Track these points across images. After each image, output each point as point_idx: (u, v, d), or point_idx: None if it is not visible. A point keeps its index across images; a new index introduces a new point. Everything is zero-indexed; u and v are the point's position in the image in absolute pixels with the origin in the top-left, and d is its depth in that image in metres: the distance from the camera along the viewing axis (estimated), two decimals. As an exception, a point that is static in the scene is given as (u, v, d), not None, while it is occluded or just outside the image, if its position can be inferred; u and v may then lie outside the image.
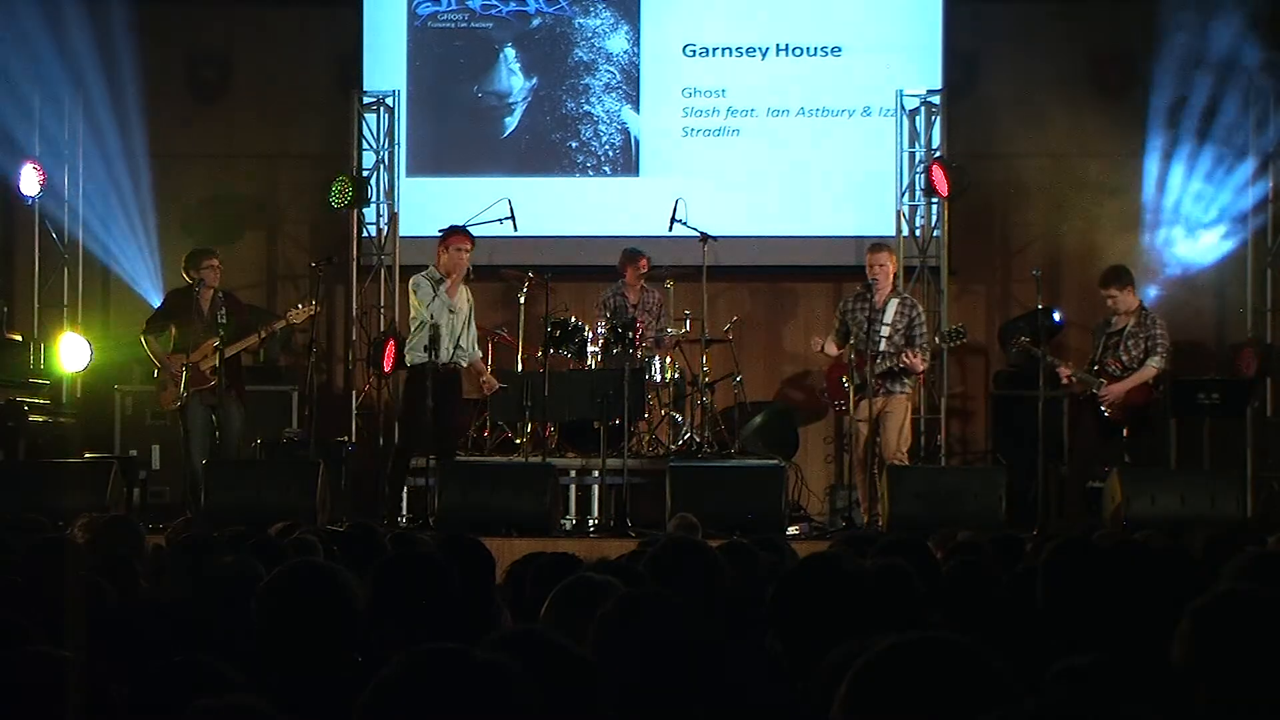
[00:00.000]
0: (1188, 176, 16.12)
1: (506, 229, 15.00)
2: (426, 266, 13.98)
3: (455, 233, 13.86)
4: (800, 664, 4.54)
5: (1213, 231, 16.13)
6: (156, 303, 14.67)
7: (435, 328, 13.44)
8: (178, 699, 3.75)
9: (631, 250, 15.23)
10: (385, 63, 16.63)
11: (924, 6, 16.33)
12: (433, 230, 14.52)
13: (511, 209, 14.98)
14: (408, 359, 13.86)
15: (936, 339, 14.26)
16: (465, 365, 13.87)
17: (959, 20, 16.24)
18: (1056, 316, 14.28)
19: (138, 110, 16.71)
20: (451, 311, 13.64)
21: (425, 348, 13.45)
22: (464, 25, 16.74)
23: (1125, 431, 13.78)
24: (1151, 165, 16.09)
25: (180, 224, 16.43)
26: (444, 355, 13.51)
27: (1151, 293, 15.05)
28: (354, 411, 15.92)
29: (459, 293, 13.74)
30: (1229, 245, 16.13)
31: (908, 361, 13.66)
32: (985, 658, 3.12)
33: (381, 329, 15.91)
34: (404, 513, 14.17)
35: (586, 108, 16.72)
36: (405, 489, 14.13)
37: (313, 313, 14.15)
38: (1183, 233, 16.14)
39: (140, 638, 5.19)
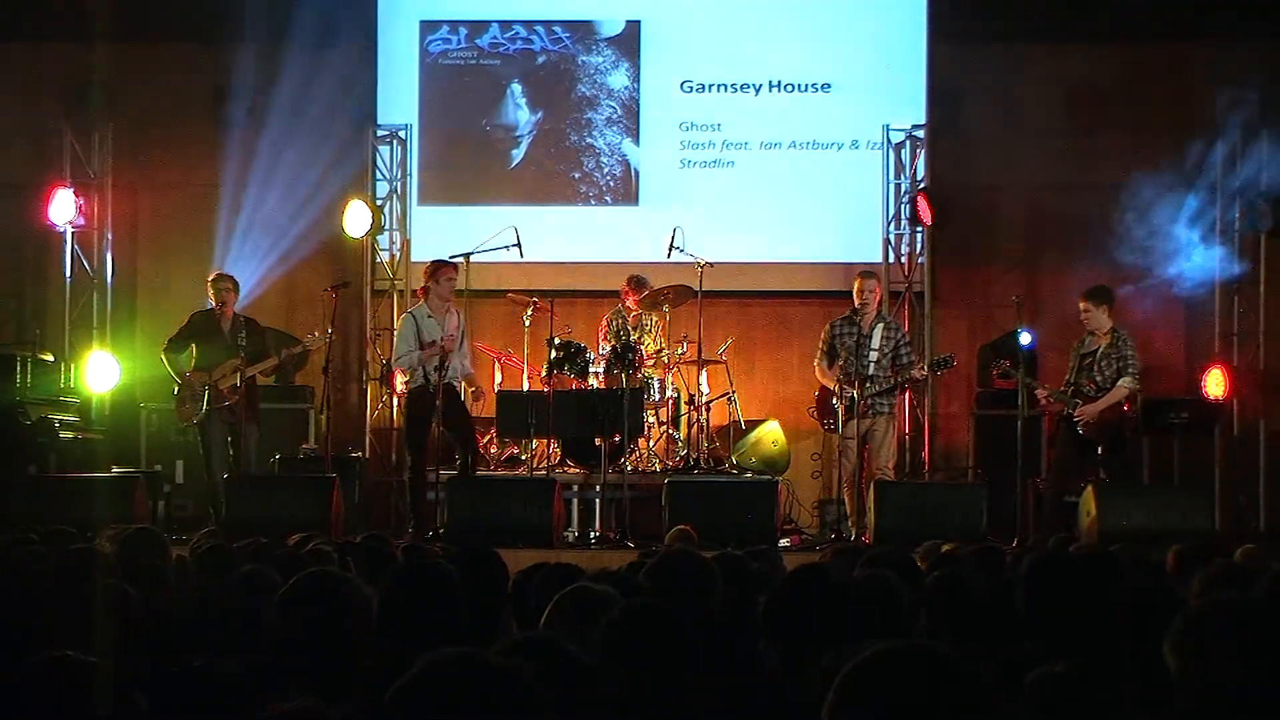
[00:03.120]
0: (1160, 209, 16.13)
1: (513, 255, 14.99)
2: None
3: (444, 265, 14.03)
4: (791, 669, 4.53)
5: (1183, 261, 16.14)
6: (179, 324, 14.67)
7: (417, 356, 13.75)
8: (197, 703, 3.75)
9: (637, 278, 15.18)
10: (398, 98, 16.64)
11: (909, 46, 16.34)
12: (443, 256, 14.54)
13: (518, 236, 14.97)
14: (399, 386, 14.01)
15: (925, 367, 14.27)
16: (459, 382, 13.99)
17: (942, 59, 16.25)
18: (1025, 340, 14.29)
19: (164, 141, 16.76)
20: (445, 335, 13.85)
21: (417, 374, 13.77)
22: (473, 62, 16.75)
23: (1100, 449, 13.76)
24: (1126, 198, 16.10)
25: (203, 250, 16.43)
26: (433, 377, 13.63)
27: (1125, 317, 15.04)
28: (367, 428, 15.92)
29: (449, 318, 13.87)
30: (1198, 274, 16.14)
31: (914, 375, 13.99)
32: (967, 666, 3.12)
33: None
34: (412, 525, 14.17)
35: (589, 140, 16.73)
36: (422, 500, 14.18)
37: (327, 339, 14.24)
38: (1154, 262, 16.15)
39: (163, 644, 5.18)
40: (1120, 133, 16.14)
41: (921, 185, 15.94)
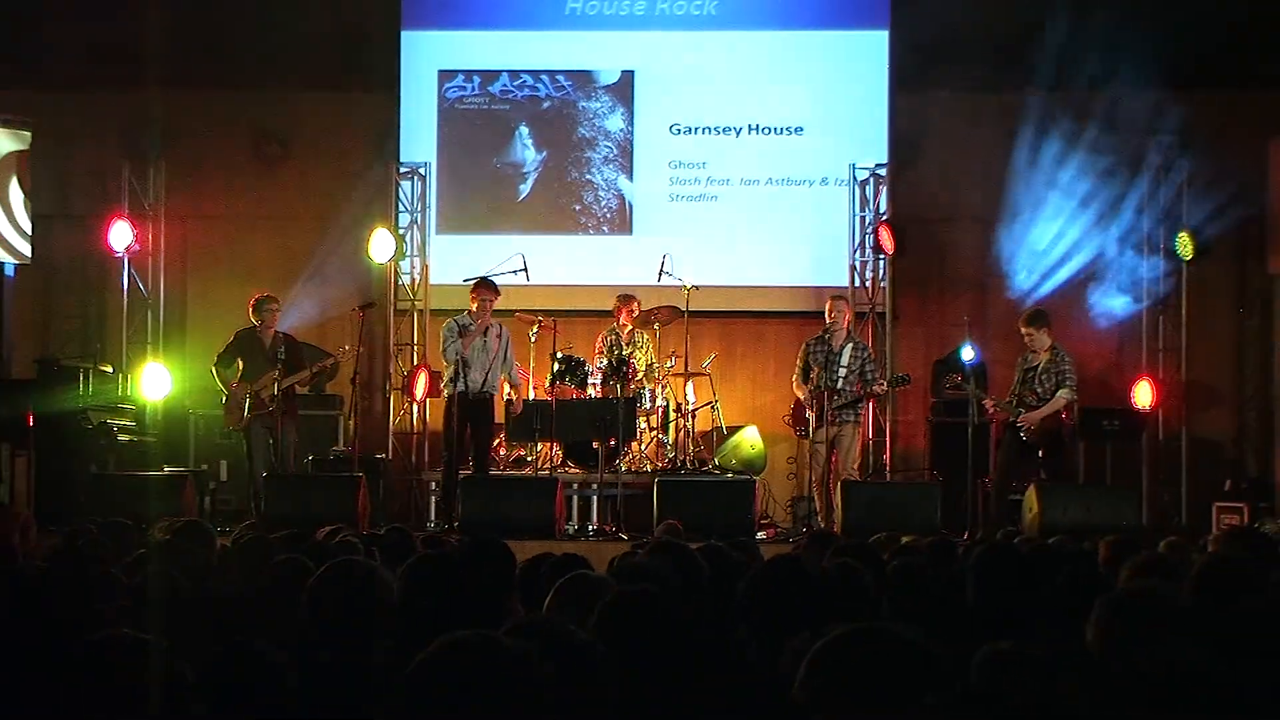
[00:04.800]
0: (1094, 240, 16.16)
1: (520, 279, 14.99)
2: (457, 310, 14.16)
3: (481, 284, 14.01)
4: (766, 649, 4.53)
5: (1115, 286, 16.17)
6: (225, 340, 14.66)
7: (463, 364, 13.56)
8: (238, 677, 3.74)
9: (624, 295, 15.21)
10: (419, 138, 16.64)
11: (872, 93, 16.35)
12: (458, 279, 14.57)
13: (525, 262, 14.97)
14: (445, 390, 13.98)
15: (886, 384, 14.28)
16: (495, 393, 13.94)
17: (902, 105, 16.28)
18: (967, 355, 14.31)
19: (210, 176, 16.77)
20: (484, 350, 13.79)
21: (453, 380, 13.67)
22: (485, 107, 16.75)
23: (1041, 452, 13.77)
24: (1069, 230, 16.15)
25: (245, 273, 16.43)
26: (474, 386, 13.62)
27: (1063, 335, 15.04)
28: (390, 433, 15.90)
29: (491, 332, 13.83)
30: (1128, 298, 16.17)
31: (875, 390, 13.93)
32: (924, 644, 3.12)
33: (414, 362, 15.94)
34: (431, 518, 14.15)
35: (588, 177, 16.72)
36: (435, 497, 14.18)
37: (355, 353, 14.26)
38: (1089, 287, 16.17)
39: (208, 623, 5.17)
40: (1061, 170, 16.13)
41: (883, 218, 15.94)
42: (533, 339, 15.03)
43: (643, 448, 14.92)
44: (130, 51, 15.41)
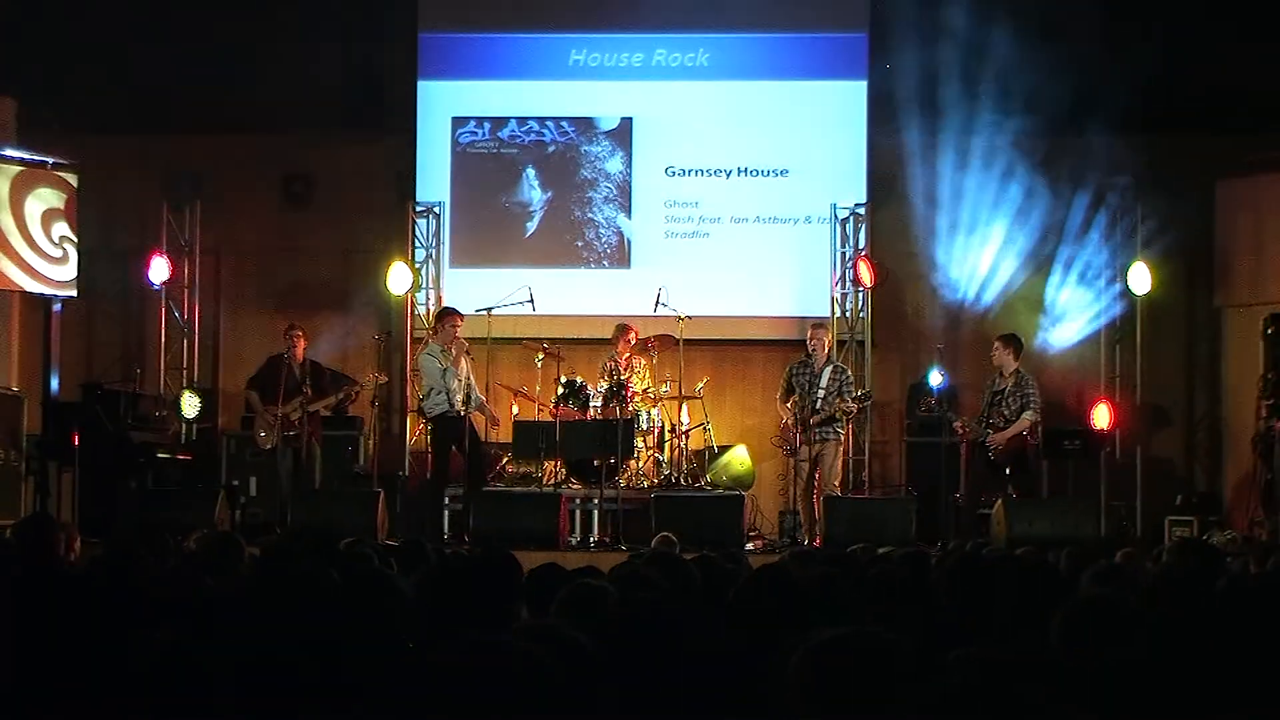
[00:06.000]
0: (1057, 272, 16.19)
1: (527, 309, 15.00)
2: (471, 337, 14.24)
3: (452, 313, 14.03)
4: (755, 652, 4.52)
5: (1076, 316, 16.19)
6: (255, 366, 14.65)
7: (446, 389, 13.69)
8: (266, 676, 3.74)
9: (621, 325, 15.23)
10: (433, 179, 16.66)
11: (852, 138, 16.39)
12: (470, 310, 14.58)
13: (531, 294, 14.98)
14: (427, 412, 13.95)
15: (852, 401, 14.28)
16: (472, 412, 13.98)
17: (880, 149, 16.32)
18: (935, 380, 14.31)
19: (242, 214, 16.79)
20: (462, 372, 13.84)
21: (445, 402, 13.73)
22: (495, 150, 16.78)
23: (1008, 470, 13.78)
24: (1033, 264, 16.18)
25: (274, 304, 16.44)
26: (458, 406, 13.64)
27: (1027, 360, 15.06)
28: (407, 451, 15.88)
29: (462, 358, 13.89)
30: (1089, 327, 16.19)
31: (842, 406, 13.79)
32: (900, 647, 3.11)
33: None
34: (445, 531, 14.13)
35: (590, 215, 16.74)
36: (445, 512, 14.15)
37: (380, 381, 14.29)
38: (1054, 315, 16.20)
39: (237, 626, 5.16)
40: (1026, 209, 16.15)
41: (862, 253, 15.97)
42: (539, 365, 15.05)
43: (640, 465, 14.91)
44: (170, 100, 15.45)
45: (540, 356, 15.04)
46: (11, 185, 15.10)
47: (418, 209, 16.44)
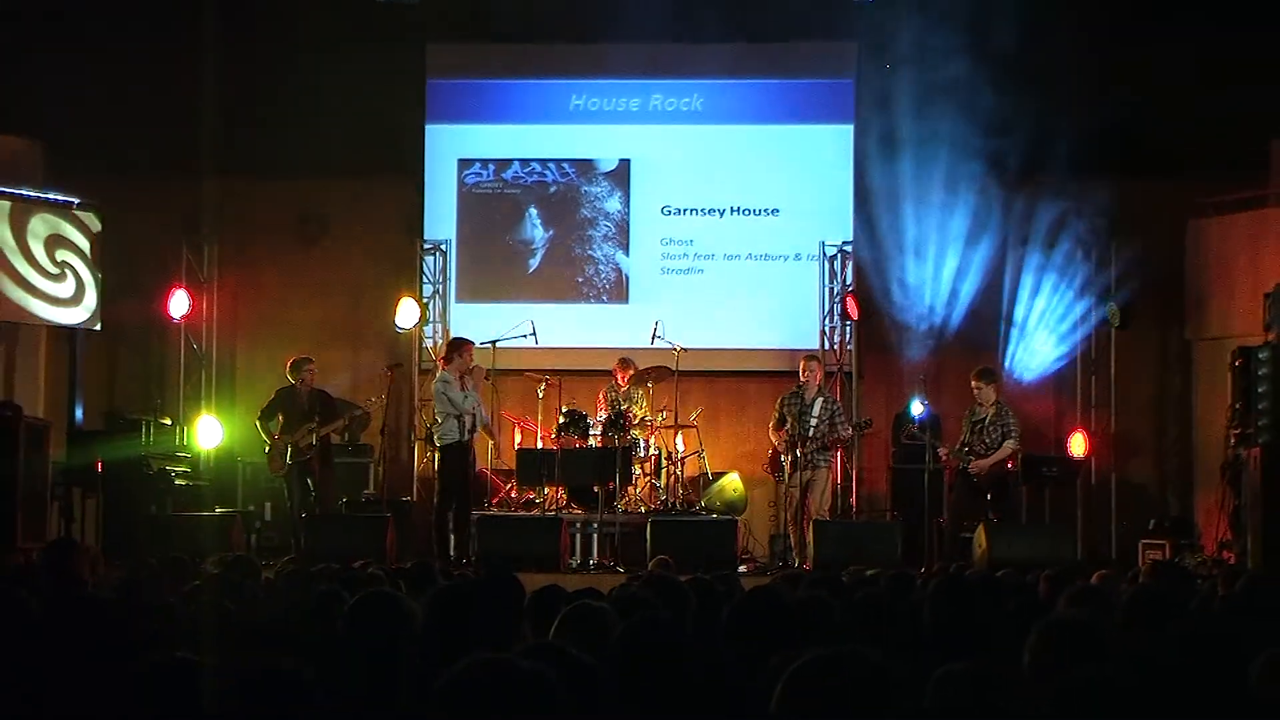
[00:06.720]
0: (1036, 307, 16.21)
1: (530, 342, 15.02)
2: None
3: (468, 343, 14.03)
4: (747, 669, 4.52)
5: (1054, 346, 16.21)
6: (268, 397, 14.66)
7: (465, 416, 13.62)
8: (279, 692, 3.73)
9: (624, 359, 15.24)
10: (440, 218, 16.69)
11: (839, 179, 16.43)
12: (475, 342, 14.54)
13: (534, 327, 15.00)
14: (438, 440, 13.84)
15: (851, 427, 14.30)
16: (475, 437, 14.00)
17: (864, 190, 16.35)
18: (916, 409, 14.32)
19: (258, 252, 16.81)
20: (473, 399, 13.86)
21: (457, 430, 13.64)
22: (499, 190, 16.81)
23: (989, 495, 13.78)
24: (1012, 300, 16.20)
25: (288, 338, 16.45)
26: (470, 433, 13.72)
27: (1009, 390, 15.08)
28: (415, 478, 15.86)
29: (480, 383, 13.90)
30: (1065, 360, 16.22)
31: (844, 435, 13.94)
32: (885, 665, 3.11)
33: (435, 416, 15.89)
34: (452, 553, 14.11)
35: (590, 252, 16.77)
36: (451, 536, 14.12)
37: (383, 404, 14.26)
38: (1032, 347, 16.21)
39: (254, 647, 5.15)
40: (1005, 249, 16.20)
41: (849, 289, 15.99)
42: (541, 395, 15.05)
43: (638, 491, 14.90)
44: (190, 144, 15.48)
45: (542, 387, 15.05)
46: (41, 222, 15.25)
47: (426, 247, 16.47)
